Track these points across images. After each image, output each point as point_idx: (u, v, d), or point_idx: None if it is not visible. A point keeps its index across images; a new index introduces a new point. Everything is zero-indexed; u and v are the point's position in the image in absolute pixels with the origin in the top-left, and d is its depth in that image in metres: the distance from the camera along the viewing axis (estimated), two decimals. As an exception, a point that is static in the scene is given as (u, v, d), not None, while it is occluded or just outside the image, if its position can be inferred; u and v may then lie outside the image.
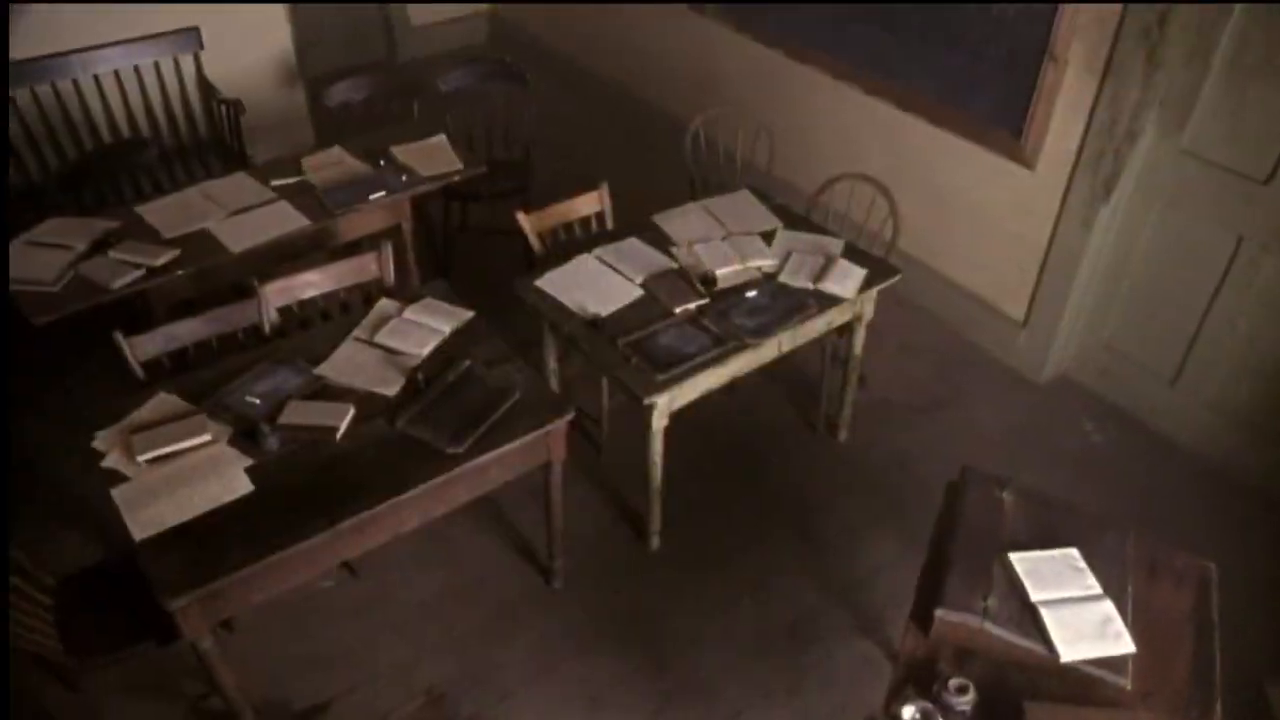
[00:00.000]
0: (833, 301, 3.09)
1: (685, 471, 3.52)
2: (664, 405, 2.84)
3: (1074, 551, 2.20)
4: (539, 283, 3.16)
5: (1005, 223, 3.83)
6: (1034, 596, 2.10)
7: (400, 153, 3.83)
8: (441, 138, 3.95)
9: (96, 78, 4.24)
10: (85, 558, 2.86)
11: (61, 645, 2.41)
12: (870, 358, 3.97)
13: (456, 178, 3.75)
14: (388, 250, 3.18)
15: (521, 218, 3.40)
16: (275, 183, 3.64)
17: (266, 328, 2.99)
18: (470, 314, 3.00)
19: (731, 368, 2.95)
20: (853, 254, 3.27)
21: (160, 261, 3.20)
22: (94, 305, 3.09)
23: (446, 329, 2.94)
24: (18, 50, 4.02)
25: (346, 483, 2.45)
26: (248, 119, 4.28)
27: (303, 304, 3.15)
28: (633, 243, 3.36)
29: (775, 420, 3.79)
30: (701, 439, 3.67)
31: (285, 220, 3.44)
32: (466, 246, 4.67)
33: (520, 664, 2.94)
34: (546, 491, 2.87)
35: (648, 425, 2.89)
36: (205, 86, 4.54)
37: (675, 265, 3.24)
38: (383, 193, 3.58)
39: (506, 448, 2.57)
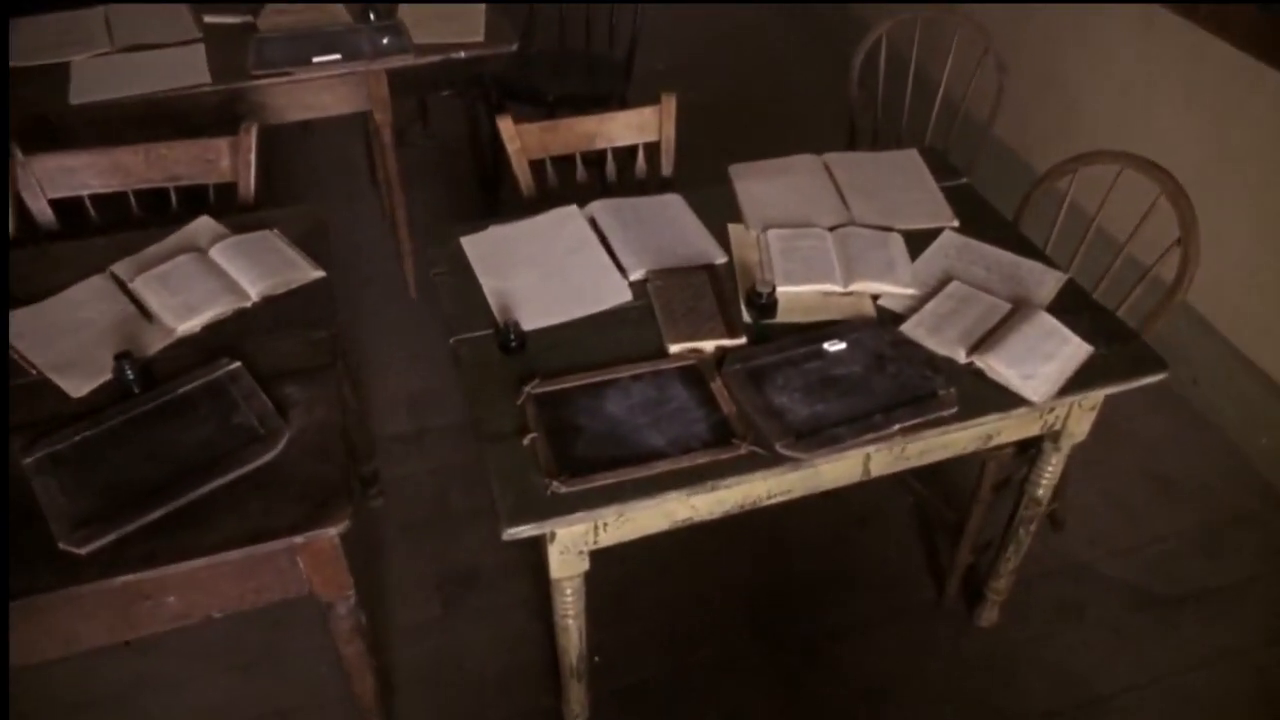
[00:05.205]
0: (1004, 403, 1.48)
1: (682, 622, 2.04)
2: (572, 539, 1.39)
3: None
4: (467, 240, 1.77)
5: None
6: None
7: (410, 11, 2.53)
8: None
9: None
10: None
11: None
12: (1082, 487, 2.28)
13: (462, 53, 2.39)
14: (251, 135, 1.89)
15: (504, 126, 2.00)
16: (211, 20, 2.46)
17: (10, 225, 1.81)
18: (317, 274, 1.67)
19: (738, 494, 1.43)
20: (1076, 308, 1.62)
21: (-40, 98, 2.11)
22: None
23: (253, 292, 1.62)
24: None
25: None
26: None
27: (106, 203, 1.94)
28: (670, 202, 1.88)
29: (882, 558, 2.20)
30: (738, 562, 2.16)
31: (177, 73, 2.24)
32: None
33: None
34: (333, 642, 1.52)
35: (545, 563, 1.45)
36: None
37: (719, 260, 1.74)
38: (335, 56, 2.30)
39: (192, 564, 1.24)
